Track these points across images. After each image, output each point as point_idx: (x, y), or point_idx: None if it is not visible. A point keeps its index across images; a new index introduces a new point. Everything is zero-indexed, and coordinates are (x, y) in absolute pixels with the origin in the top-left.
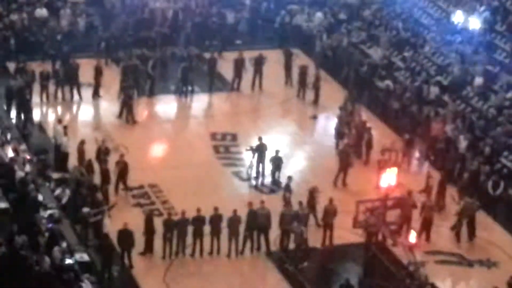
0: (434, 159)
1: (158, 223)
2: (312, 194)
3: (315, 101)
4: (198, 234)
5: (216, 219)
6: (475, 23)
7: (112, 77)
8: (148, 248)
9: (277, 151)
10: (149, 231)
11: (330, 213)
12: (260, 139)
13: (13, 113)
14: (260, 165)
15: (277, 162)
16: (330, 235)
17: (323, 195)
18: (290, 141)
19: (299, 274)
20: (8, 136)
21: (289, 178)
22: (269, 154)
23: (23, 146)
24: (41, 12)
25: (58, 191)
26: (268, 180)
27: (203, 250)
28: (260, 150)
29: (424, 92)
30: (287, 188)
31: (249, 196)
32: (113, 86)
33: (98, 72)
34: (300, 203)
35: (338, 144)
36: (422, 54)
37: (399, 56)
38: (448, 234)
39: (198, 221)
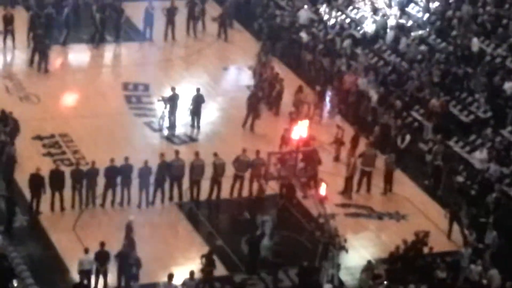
0: (346, 112)
1: (68, 173)
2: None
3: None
4: (109, 185)
5: (127, 170)
6: None
7: (24, 25)
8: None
9: (198, 89)
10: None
11: (242, 164)
12: (173, 89)
13: None
14: (172, 116)
15: (199, 100)
16: (240, 186)
17: (235, 146)
18: (202, 92)
19: (209, 224)
20: None
21: None
22: (181, 104)
23: None
24: None
25: None
26: (180, 131)
27: (114, 201)
28: (172, 100)
29: (336, 45)
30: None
31: (161, 147)
32: (25, 34)
33: (7, 20)
34: (215, 154)
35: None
36: (335, 7)
37: (313, 9)
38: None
39: (109, 171)
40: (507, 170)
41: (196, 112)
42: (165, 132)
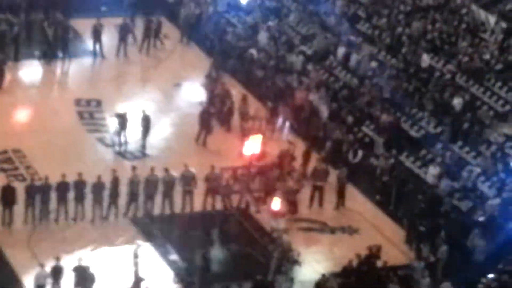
0: (298, 128)
1: (21, 188)
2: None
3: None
4: (62, 200)
5: (80, 185)
6: None
7: None
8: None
9: (143, 111)
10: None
11: (188, 179)
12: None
13: None
14: (123, 132)
15: (146, 122)
16: (190, 201)
17: (188, 161)
18: (155, 108)
19: (164, 239)
20: None
21: None
22: (134, 119)
23: None
24: None
25: None
26: (132, 146)
27: (67, 216)
28: (123, 117)
29: (287, 61)
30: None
31: (114, 163)
32: None
33: None
34: (166, 169)
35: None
36: (286, 24)
37: (264, 25)
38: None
39: (62, 186)
40: (458, 185)
41: (144, 131)
42: (117, 147)
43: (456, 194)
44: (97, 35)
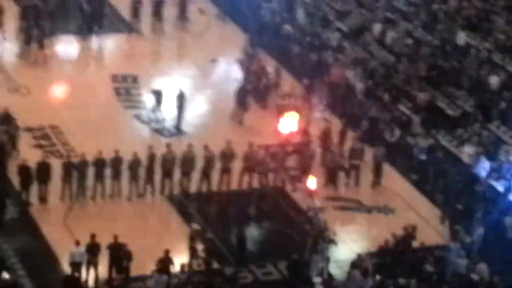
0: (333, 105)
1: (58, 165)
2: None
3: None
4: (99, 177)
5: (116, 162)
6: None
7: (13, 16)
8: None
9: (179, 88)
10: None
11: (228, 156)
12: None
13: None
14: (159, 108)
15: (181, 99)
16: (228, 179)
17: (224, 138)
18: (190, 84)
19: (198, 217)
20: None
21: None
22: (170, 95)
23: None
24: None
25: None
26: (168, 123)
27: (104, 193)
28: (159, 94)
29: (324, 37)
30: None
31: (150, 139)
32: (14, 26)
33: None
34: (205, 146)
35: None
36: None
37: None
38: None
39: (99, 163)
40: (495, 165)
41: (179, 109)
42: (154, 124)
43: (492, 174)
44: (135, 9)
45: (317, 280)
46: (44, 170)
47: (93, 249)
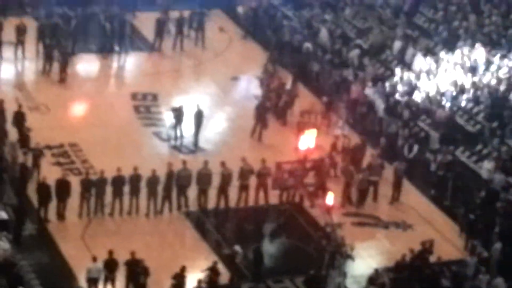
0: (353, 122)
1: (77, 182)
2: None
3: None
4: (117, 194)
5: (135, 179)
6: None
7: (34, 35)
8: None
9: (197, 105)
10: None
11: (246, 174)
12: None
13: None
14: (179, 126)
15: (199, 117)
16: (245, 196)
17: (242, 155)
18: (210, 102)
19: (216, 233)
20: None
21: None
22: (189, 113)
23: None
24: None
25: None
26: (187, 140)
27: (122, 210)
28: (179, 111)
29: (343, 55)
30: None
31: (169, 157)
32: (35, 44)
33: (20, 31)
34: (223, 163)
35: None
36: (342, 17)
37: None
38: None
39: (118, 180)
40: None
41: (196, 127)
42: (173, 141)
43: (510, 189)
44: (160, 27)
45: None
46: (63, 188)
47: (110, 265)
